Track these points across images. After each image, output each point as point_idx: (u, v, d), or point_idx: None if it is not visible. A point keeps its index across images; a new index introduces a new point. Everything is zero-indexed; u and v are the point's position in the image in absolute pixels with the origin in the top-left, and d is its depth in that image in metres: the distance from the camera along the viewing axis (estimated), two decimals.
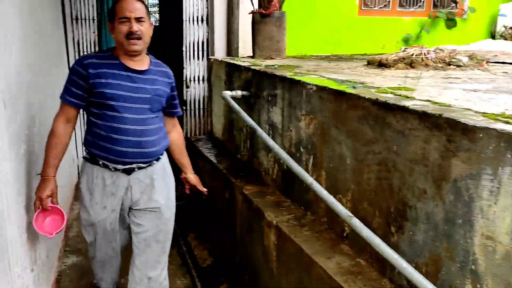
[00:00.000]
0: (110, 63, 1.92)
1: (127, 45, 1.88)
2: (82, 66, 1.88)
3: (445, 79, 2.16)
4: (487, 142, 1.16)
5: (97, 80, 1.88)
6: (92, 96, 1.89)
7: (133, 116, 1.93)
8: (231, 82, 3.05)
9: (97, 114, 1.92)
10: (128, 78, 1.93)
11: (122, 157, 1.94)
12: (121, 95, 1.90)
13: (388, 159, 1.56)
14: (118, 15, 1.88)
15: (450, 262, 1.32)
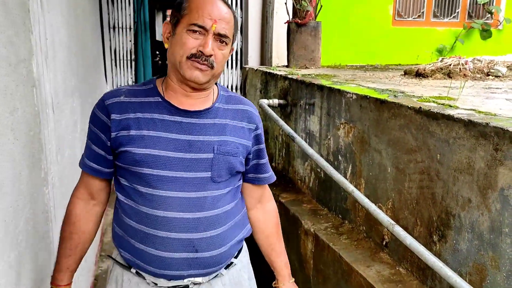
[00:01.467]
0: (147, 102, 1.19)
1: (185, 69, 1.13)
2: (102, 108, 1.17)
3: (485, 89, 2.15)
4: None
5: (121, 132, 1.16)
6: (117, 159, 1.18)
7: (183, 194, 1.17)
8: (266, 90, 3.10)
9: (124, 191, 1.20)
10: (175, 126, 1.18)
11: (163, 267, 1.20)
12: (160, 158, 1.15)
13: (431, 168, 1.57)
14: (190, 18, 1.13)
15: (495, 271, 1.31)
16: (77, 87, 2.51)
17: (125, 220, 1.21)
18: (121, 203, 1.22)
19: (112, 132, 1.17)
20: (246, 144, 1.25)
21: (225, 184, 1.23)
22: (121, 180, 1.21)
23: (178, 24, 1.16)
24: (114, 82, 4.01)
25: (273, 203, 1.42)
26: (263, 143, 1.32)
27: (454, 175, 1.46)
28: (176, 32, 1.16)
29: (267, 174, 1.35)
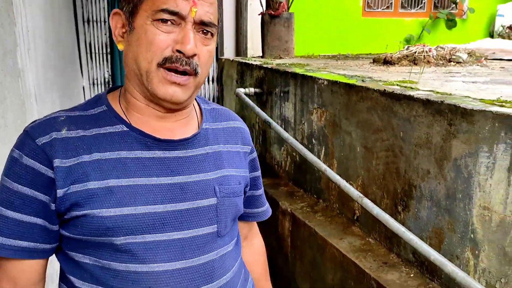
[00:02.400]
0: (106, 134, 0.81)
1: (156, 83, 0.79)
2: (33, 152, 0.77)
3: (446, 73, 2.32)
4: (483, 123, 1.32)
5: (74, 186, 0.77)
6: (68, 228, 0.79)
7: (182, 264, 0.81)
8: (243, 80, 3.21)
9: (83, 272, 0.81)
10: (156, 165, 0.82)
11: None
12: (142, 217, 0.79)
13: (395, 145, 1.72)
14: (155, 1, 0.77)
15: (451, 233, 1.47)
16: (56, 80, 2.57)
17: None
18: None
19: (58, 188, 0.76)
20: (245, 175, 0.95)
21: (229, 237, 0.91)
22: (76, 256, 0.81)
23: (136, 13, 0.79)
24: (90, 76, 4.04)
25: (260, 239, 1.13)
26: (259, 169, 1.04)
27: (415, 150, 1.61)
28: (135, 25, 0.79)
29: (264, 208, 1.08)
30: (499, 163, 1.27)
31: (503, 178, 1.27)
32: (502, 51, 3.25)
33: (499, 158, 1.27)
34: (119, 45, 0.84)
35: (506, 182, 1.26)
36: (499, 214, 1.29)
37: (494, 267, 1.32)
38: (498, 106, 1.33)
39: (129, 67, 0.82)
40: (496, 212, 1.30)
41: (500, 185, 1.28)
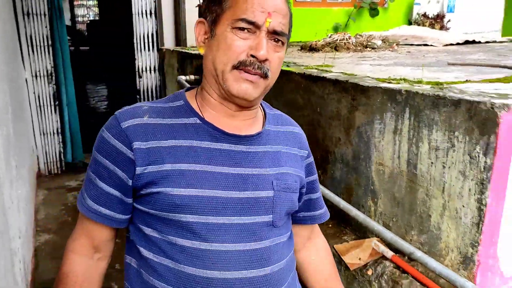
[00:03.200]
0: (181, 125, 0.93)
1: (231, 81, 0.89)
2: (118, 133, 0.90)
3: (360, 58, 2.68)
4: (376, 97, 1.65)
5: (151, 167, 0.89)
6: (143, 203, 0.92)
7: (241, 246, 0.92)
8: (183, 69, 3.43)
9: (153, 245, 0.93)
10: (223, 156, 0.93)
11: None
12: (208, 200, 0.89)
13: (314, 119, 2.04)
14: (235, 11, 0.88)
15: (358, 187, 1.81)
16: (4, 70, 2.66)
17: (155, 284, 0.91)
18: (148, 261, 0.92)
19: (137, 166, 0.88)
20: (301, 176, 1.03)
21: (285, 228, 1.00)
22: (146, 230, 0.92)
23: (218, 22, 0.90)
24: (33, 68, 4.07)
25: (323, 239, 1.20)
26: (316, 173, 1.12)
27: (329, 122, 1.93)
28: (217, 32, 0.90)
29: (322, 210, 1.15)
30: (388, 127, 1.62)
31: (391, 139, 1.61)
32: (413, 37, 3.69)
33: (388, 124, 1.62)
34: (200, 50, 0.95)
35: (393, 142, 1.61)
36: (389, 168, 1.64)
37: (387, 210, 1.68)
38: (387, 83, 1.68)
39: (207, 68, 0.93)
40: (387, 167, 1.65)
41: (389, 145, 1.62)
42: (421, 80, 1.69)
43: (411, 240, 1.58)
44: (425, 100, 1.46)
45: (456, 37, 3.65)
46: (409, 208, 1.58)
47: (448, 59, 2.39)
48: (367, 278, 1.63)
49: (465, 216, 1.38)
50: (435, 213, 1.48)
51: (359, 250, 1.70)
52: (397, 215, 1.64)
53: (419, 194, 1.53)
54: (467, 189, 1.36)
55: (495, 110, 1.24)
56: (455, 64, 2.13)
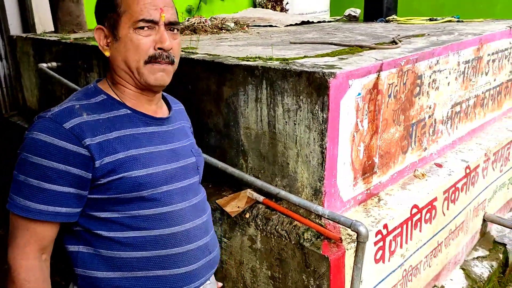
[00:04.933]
0: (116, 117, 1.07)
1: (147, 75, 1.05)
2: (63, 135, 0.98)
3: (218, 40, 3.02)
4: (238, 72, 2.01)
5: (107, 158, 1.02)
6: (102, 191, 1.05)
7: (189, 203, 1.18)
8: (41, 56, 3.36)
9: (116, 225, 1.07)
10: (156, 137, 1.13)
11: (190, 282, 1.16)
12: (160, 174, 1.10)
13: (187, 96, 2.32)
14: (132, 14, 1.02)
15: (231, 150, 2.18)
16: None
17: (124, 255, 1.06)
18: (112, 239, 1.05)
19: (96, 160, 0.99)
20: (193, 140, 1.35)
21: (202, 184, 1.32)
22: (102, 214, 1.05)
23: (118, 26, 1.03)
24: None
25: None
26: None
27: (201, 97, 2.25)
28: (120, 35, 1.03)
29: None
30: (250, 97, 2.00)
31: (254, 106, 2.00)
32: (259, 19, 4.17)
33: (250, 94, 2.00)
34: (106, 53, 1.10)
35: (255, 109, 1.99)
36: (255, 130, 2.03)
37: (256, 165, 2.08)
38: (246, 61, 2.05)
39: (119, 67, 1.08)
40: (253, 129, 2.04)
41: (253, 111, 2.01)
42: (271, 57, 2.10)
43: (276, 185, 2.01)
44: (276, 73, 1.87)
45: (294, 18, 4.24)
46: (272, 160, 2.00)
47: (290, 38, 2.88)
48: (245, 221, 2.02)
49: (313, 159, 1.84)
50: (292, 160, 1.92)
51: (237, 200, 2.08)
52: (264, 167, 2.05)
53: (279, 148, 1.96)
54: (312, 139, 1.82)
55: (325, 77, 1.70)
56: (296, 43, 2.61)
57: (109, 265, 1.08)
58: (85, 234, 1.09)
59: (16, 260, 1.03)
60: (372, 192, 2.12)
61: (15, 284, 1.03)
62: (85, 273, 1.10)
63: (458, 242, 2.71)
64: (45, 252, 1.07)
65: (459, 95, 2.66)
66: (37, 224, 1.02)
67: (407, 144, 2.29)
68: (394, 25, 3.67)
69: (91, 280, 1.10)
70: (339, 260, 1.74)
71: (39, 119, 1.03)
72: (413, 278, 2.30)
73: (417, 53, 2.17)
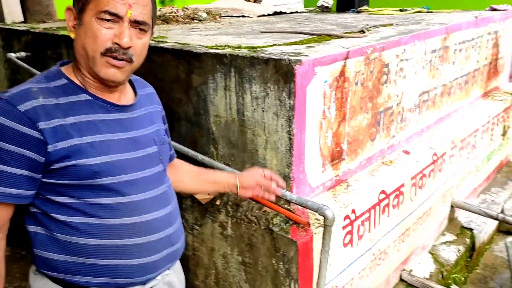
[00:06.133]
0: (75, 102, 1.06)
1: (100, 66, 1.04)
2: (18, 117, 0.98)
3: (189, 29, 3.01)
4: (207, 61, 2.02)
5: (61, 143, 1.01)
6: (56, 176, 1.04)
7: (151, 194, 1.16)
8: (10, 46, 3.29)
9: (71, 210, 1.07)
10: (117, 124, 1.11)
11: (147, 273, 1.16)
12: (118, 163, 1.08)
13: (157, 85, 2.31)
14: (98, 3, 1.01)
15: (201, 138, 2.19)
16: None
17: (80, 241, 1.06)
18: (67, 223, 1.05)
19: (48, 144, 0.99)
20: (164, 128, 1.31)
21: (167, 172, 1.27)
22: (59, 198, 1.05)
23: (84, 11, 1.01)
24: None
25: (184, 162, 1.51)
26: (166, 121, 1.38)
27: (170, 85, 2.24)
28: (84, 21, 1.01)
29: (173, 151, 1.45)
30: (219, 85, 2.01)
31: (223, 94, 2.01)
32: (232, 10, 4.16)
33: (219, 82, 2.00)
34: (71, 34, 1.06)
35: (224, 96, 2.00)
36: (224, 118, 2.04)
37: (226, 152, 2.09)
38: (214, 49, 2.05)
39: (79, 53, 1.05)
40: (222, 117, 2.05)
41: (222, 99, 2.02)
42: (240, 45, 2.11)
43: None
44: (244, 61, 1.88)
45: (267, 9, 4.26)
46: (242, 148, 2.02)
47: (260, 28, 2.89)
48: (216, 207, 2.04)
49: (281, 145, 1.87)
50: (261, 147, 1.94)
51: None
52: (234, 155, 2.06)
53: (248, 135, 1.97)
54: (280, 125, 1.84)
55: (292, 65, 1.72)
56: (266, 32, 2.63)
57: (65, 249, 1.08)
58: (42, 217, 1.09)
59: None
60: (341, 178, 2.16)
61: None
62: (43, 254, 1.11)
63: (426, 227, 2.79)
64: (0, 231, 1.06)
65: (426, 84, 2.72)
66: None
67: (375, 132, 2.34)
68: (365, 16, 3.72)
69: (48, 261, 1.10)
70: (307, 244, 1.77)
71: (7, 94, 1.01)
72: (382, 262, 2.36)
73: (384, 41, 2.21)
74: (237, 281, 2.04)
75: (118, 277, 1.12)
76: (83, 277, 1.10)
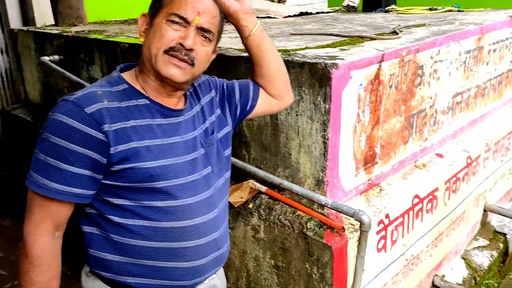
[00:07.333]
0: (135, 106, 1.09)
1: (161, 64, 1.06)
2: (84, 119, 1.00)
3: None
4: (241, 64, 2.02)
5: (121, 146, 1.04)
6: (114, 178, 1.07)
7: (200, 197, 1.17)
8: (43, 49, 3.36)
9: (126, 212, 1.10)
10: (171, 129, 1.14)
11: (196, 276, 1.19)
12: (172, 167, 1.11)
13: None
14: (171, 7, 1.07)
15: (234, 140, 2.17)
16: None
17: (134, 242, 1.09)
18: (122, 225, 1.08)
19: (111, 147, 1.01)
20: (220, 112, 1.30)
21: (223, 172, 1.28)
22: (115, 200, 1.07)
23: (157, 15, 1.08)
24: None
25: None
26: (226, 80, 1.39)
27: None
28: (154, 23, 1.07)
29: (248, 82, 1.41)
30: None
31: None
32: (258, 11, 4.16)
33: None
34: (141, 38, 1.12)
35: None
36: (257, 121, 2.04)
37: (258, 155, 2.09)
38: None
39: (144, 54, 1.09)
40: (255, 120, 2.05)
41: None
42: None
43: (278, 175, 2.02)
44: None
45: (292, 9, 4.24)
46: (275, 151, 2.01)
47: (289, 29, 2.88)
48: (249, 211, 2.04)
49: (315, 150, 1.86)
50: (294, 151, 1.94)
51: (240, 191, 2.09)
52: (266, 158, 2.06)
53: (281, 139, 1.97)
54: (315, 129, 1.83)
55: (328, 68, 1.71)
56: (296, 34, 2.62)
57: (119, 250, 1.11)
58: (98, 217, 1.12)
59: (30, 235, 1.05)
60: (374, 182, 2.14)
61: (28, 259, 1.06)
62: (97, 254, 1.14)
63: (459, 232, 2.73)
64: (59, 230, 1.10)
65: (460, 85, 2.67)
66: (53, 202, 1.04)
67: (408, 135, 2.30)
68: (394, 15, 3.67)
69: (102, 262, 1.14)
70: (342, 249, 1.76)
71: (63, 102, 1.04)
72: (415, 267, 2.33)
73: (419, 43, 2.17)
74: (269, 284, 2.04)
75: (169, 279, 1.14)
76: (135, 278, 1.13)
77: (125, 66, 1.20)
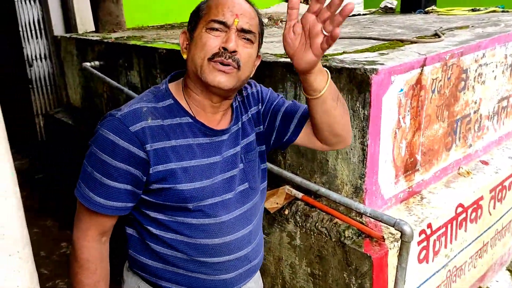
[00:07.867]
0: (177, 124, 1.09)
1: (207, 73, 1.03)
2: (128, 137, 1.03)
3: None
4: (277, 70, 2.00)
5: (160, 166, 1.06)
6: (152, 195, 1.10)
7: (233, 214, 1.17)
8: (84, 55, 3.46)
9: (161, 225, 1.13)
10: (211, 148, 1.13)
11: (222, 286, 1.21)
12: (208, 188, 1.11)
13: None
14: (208, 16, 1.05)
15: None
16: None
17: (168, 252, 1.14)
18: (158, 237, 1.13)
19: (151, 166, 1.03)
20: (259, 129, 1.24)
21: (258, 186, 1.25)
22: (152, 213, 1.11)
23: (196, 28, 1.07)
24: None
25: None
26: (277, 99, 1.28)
27: None
28: (195, 36, 1.06)
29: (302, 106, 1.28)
30: (289, 94, 1.98)
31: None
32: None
33: (288, 91, 1.98)
34: (184, 55, 1.11)
35: None
36: None
37: (294, 161, 2.07)
38: (284, 58, 2.04)
39: (189, 68, 1.08)
40: None
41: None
42: None
43: (315, 182, 1.99)
44: None
45: None
46: (311, 157, 1.98)
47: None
48: (284, 217, 2.02)
49: (353, 156, 1.82)
50: (331, 157, 1.90)
51: (276, 197, 2.07)
52: (302, 164, 2.03)
53: None
54: (353, 136, 1.79)
55: (367, 74, 1.67)
56: None
57: (155, 256, 1.17)
58: (138, 225, 1.18)
59: (79, 241, 1.13)
60: (414, 190, 2.07)
61: (77, 263, 1.14)
62: (135, 256, 1.21)
63: (505, 242, 2.61)
64: (105, 235, 1.16)
65: (506, 89, 2.55)
66: (98, 214, 1.10)
67: (451, 141, 2.22)
68: (434, 17, 3.56)
69: (139, 263, 1.20)
70: (382, 259, 1.71)
71: (110, 117, 1.07)
72: (457, 279, 2.23)
73: (462, 46, 2.09)
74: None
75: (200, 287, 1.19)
76: (168, 282, 1.19)
77: (175, 74, 1.20)
